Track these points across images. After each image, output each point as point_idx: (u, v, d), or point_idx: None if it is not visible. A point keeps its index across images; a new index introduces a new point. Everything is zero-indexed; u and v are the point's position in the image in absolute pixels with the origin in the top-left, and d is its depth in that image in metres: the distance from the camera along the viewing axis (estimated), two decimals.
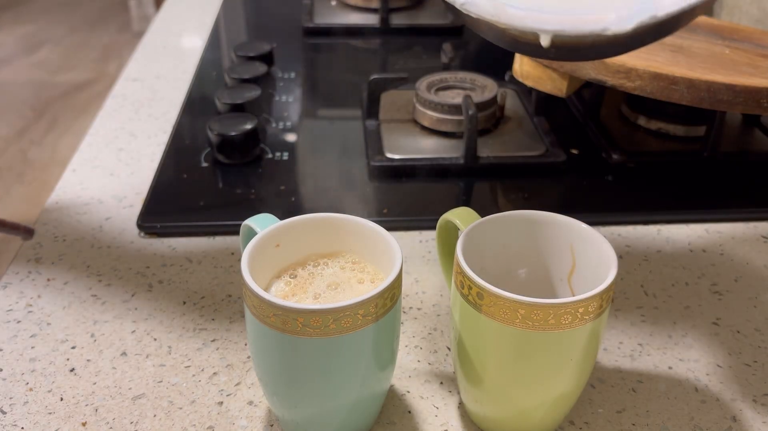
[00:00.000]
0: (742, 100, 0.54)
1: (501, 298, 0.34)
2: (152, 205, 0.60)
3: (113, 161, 0.67)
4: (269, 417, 0.42)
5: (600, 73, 0.56)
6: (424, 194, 0.62)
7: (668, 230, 0.59)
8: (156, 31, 0.99)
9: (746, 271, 0.54)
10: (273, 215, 0.40)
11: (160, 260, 0.55)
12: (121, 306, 0.50)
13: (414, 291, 0.52)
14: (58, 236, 0.57)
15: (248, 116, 0.66)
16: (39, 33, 3.05)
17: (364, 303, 0.34)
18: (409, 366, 0.46)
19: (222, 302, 0.51)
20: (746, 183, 0.64)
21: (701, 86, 0.54)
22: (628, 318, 0.50)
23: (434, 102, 0.68)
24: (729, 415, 0.42)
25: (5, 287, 0.52)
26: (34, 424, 0.41)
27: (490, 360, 0.37)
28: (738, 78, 0.55)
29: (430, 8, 1.01)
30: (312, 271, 0.41)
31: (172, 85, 0.82)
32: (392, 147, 0.66)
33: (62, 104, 2.48)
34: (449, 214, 0.42)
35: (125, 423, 0.41)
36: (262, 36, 0.97)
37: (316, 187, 0.64)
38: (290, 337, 0.34)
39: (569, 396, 0.39)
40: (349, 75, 0.85)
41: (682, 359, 0.46)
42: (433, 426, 0.41)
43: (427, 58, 0.90)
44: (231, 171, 0.65)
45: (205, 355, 0.46)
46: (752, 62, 0.61)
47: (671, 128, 0.69)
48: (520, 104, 0.73)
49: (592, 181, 0.64)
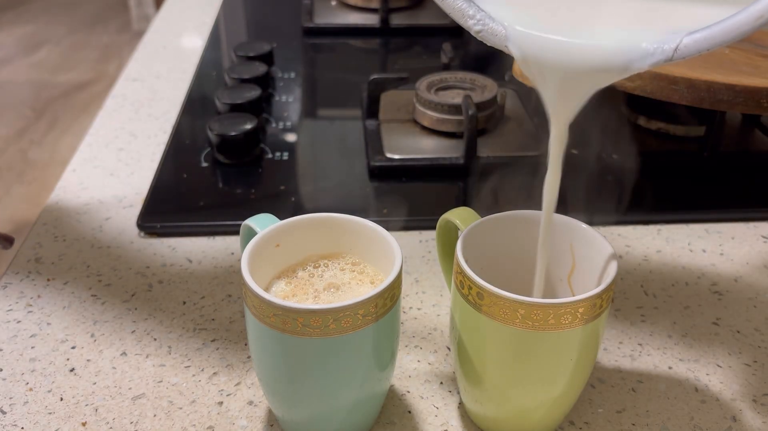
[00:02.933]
0: (742, 100, 0.54)
1: (501, 298, 0.34)
2: (152, 205, 0.60)
3: (113, 161, 0.67)
4: (269, 417, 0.42)
5: None
6: (424, 194, 0.62)
7: (668, 230, 0.59)
8: (156, 31, 0.99)
9: (746, 271, 0.54)
10: (273, 215, 0.40)
11: (160, 260, 0.55)
12: (121, 306, 0.50)
13: (414, 291, 0.52)
14: (58, 236, 0.57)
15: (248, 116, 0.66)
16: (39, 33, 3.05)
17: (364, 303, 0.34)
18: (409, 366, 0.46)
19: (222, 302, 0.51)
20: (746, 183, 0.64)
21: (701, 86, 0.54)
22: (628, 318, 0.50)
23: (434, 102, 0.68)
24: (729, 415, 0.42)
25: (5, 287, 0.52)
26: (34, 424, 0.41)
27: (490, 360, 0.37)
28: (738, 78, 0.55)
29: (430, 8, 1.01)
30: (312, 272, 0.41)
31: (172, 85, 0.82)
32: (392, 147, 0.66)
33: (62, 104, 2.48)
34: (449, 213, 0.42)
35: (125, 423, 0.41)
36: (262, 36, 0.97)
37: (316, 187, 0.64)
38: (290, 337, 0.34)
39: (569, 396, 0.39)
40: (349, 75, 0.85)
41: (682, 359, 0.46)
42: (433, 426, 0.41)
43: (427, 58, 0.90)
44: (231, 171, 0.65)
45: (205, 355, 0.46)
46: (752, 62, 0.61)
47: (671, 128, 0.69)
48: (520, 104, 0.73)
49: (591, 180, 0.64)
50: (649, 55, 0.29)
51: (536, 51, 0.31)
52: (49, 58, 2.83)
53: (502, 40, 0.32)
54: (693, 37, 0.29)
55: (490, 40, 0.33)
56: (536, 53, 0.31)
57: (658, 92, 0.55)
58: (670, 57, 0.29)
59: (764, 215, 0.61)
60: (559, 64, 0.31)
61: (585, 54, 0.31)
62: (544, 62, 0.32)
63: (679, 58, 0.29)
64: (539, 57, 0.32)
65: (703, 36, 0.28)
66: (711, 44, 0.28)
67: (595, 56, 0.31)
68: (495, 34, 0.32)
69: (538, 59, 0.32)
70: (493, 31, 0.32)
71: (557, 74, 0.32)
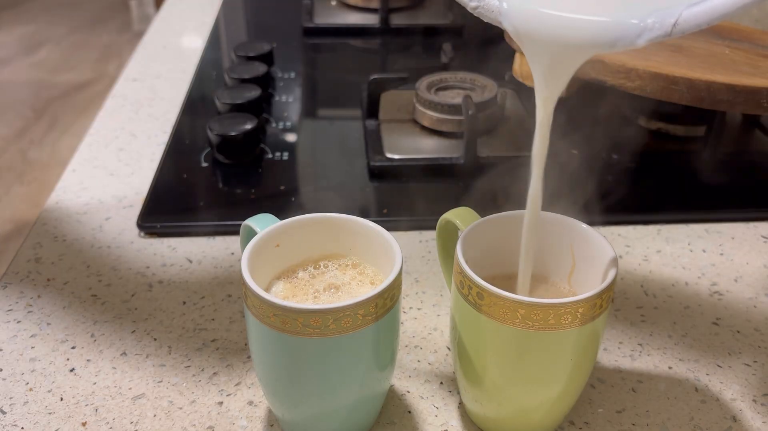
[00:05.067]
0: (742, 100, 0.54)
1: (501, 298, 0.34)
2: (152, 205, 0.60)
3: (113, 161, 0.67)
4: (269, 417, 0.42)
5: (600, 73, 0.56)
6: (424, 194, 0.62)
7: (668, 230, 0.59)
8: (156, 31, 0.99)
9: (746, 271, 0.54)
10: (273, 215, 0.40)
11: (160, 260, 0.55)
12: (121, 306, 0.50)
13: (414, 291, 0.52)
14: (58, 236, 0.57)
15: (248, 116, 0.66)
16: (39, 33, 3.05)
17: (364, 303, 0.34)
18: (409, 366, 0.46)
19: (222, 302, 0.51)
20: (746, 183, 0.64)
21: (701, 86, 0.54)
22: (628, 318, 0.50)
23: (434, 102, 0.68)
24: (729, 415, 0.42)
25: (5, 287, 0.52)
26: (34, 424, 0.41)
27: (490, 360, 0.37)
28: (738, 78, 0.55)
29: (430, 8, 1.01)
30: (312, 272, 0.41)
31: (172, 85, 0.82)
32: (392, 147, 0.66)
33: (62, 104, 2.48)
34: (449, 213, 0.42)
35: (125, 423, 0.41)
36: (262, 36, 0.97)
37: (316, 187, 0.64)
38: (290, 337, 0.34)
39: (569, 396, 0.39)
40: (349, 75, 0.85)
41: (682, 359, 0.46)
42: (433, 426, 0.41)
43: (427, 58, 0.90)
44: (231, 171, 0.65)
45: (205, 355, 0.46)
46: (752, 62, 0.61)
47: (671, 128, 0.69)
48: (520, 104, 0.73)
49: (592, 181, 0.64)
50: (648, 30, 0.29)
51: (532, 26, 0.31)
52: (49, 58, 2.83)
53: (497, 16, 0.32)
54: (692, 11, 0.28)
55: (486, 17, 0.33)
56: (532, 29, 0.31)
57: (658, 92, 0.55)
58: (668, 32, 0.28)
59: (764, 215, 0.61)
60: (554, 39, 0.31)
61: (583, 30, 0.30)
62: (539, 38, 0.31)
63: (678, 32, 0.28)
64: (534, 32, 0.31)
65: (703, 9, 0.28)
66: (711, 17, 0.28)
67: (592, 32, 0.30)
68: (491, 10, 0.32)
69: (532, 34, 0.31)
70: (489, 6, 0.32)
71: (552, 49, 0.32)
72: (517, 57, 0.65)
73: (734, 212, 0.61)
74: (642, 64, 0.56)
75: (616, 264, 0.37)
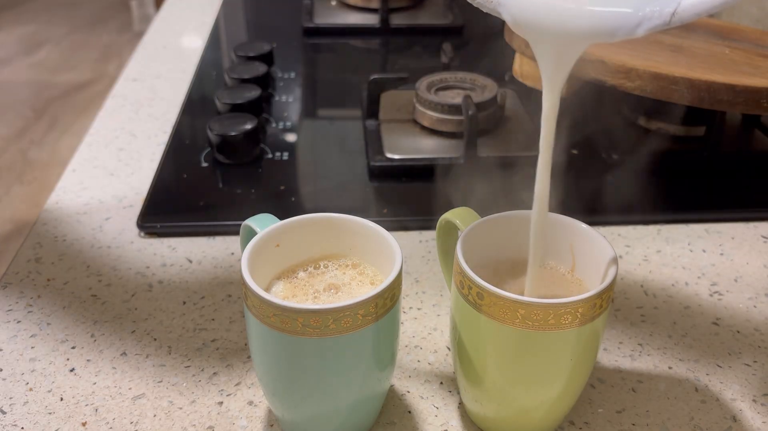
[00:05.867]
0: (742, 100, 0.54)
1: (501, 298, 0.34)
2: (152, 205, 0.60)
3: (113, 161, 0.67)
4: (269, 417, 0.42)
5: (600, 72, 0.56)
6: (424, 194, 0.62)
7: (668, 230, 0.59)
8: (156, 31, 0.99)
9: (746, 271, 0.54)
10: (273, 215, 0.41)
11: (160, 260, 0.55)
12: (121, 306, 0.50)
13: (414, 291, 0.52)
14: (58, 236, 0.57)
15: (248, 116, 0.66)
16: (39, 33, 3.05)
17: (364, 303, 0.34)
18: (409, 366, 0.46)
19: (222, 302, 0.51)
20: (746, 183, 0.64)
21: (701, 86, 0.54)
22: (628, 318, 0.50)
23: (434, 102, 0.68)
24: (729, 415, 0.42)
25: (5, 287, 0.52)
26: (34, 424, 0.41)
27: (490, 360, 0.37)
28: (738, 78, 0.55)
29: (430, 8, 1.01)
30: (312, 272, 0.41)
31: (172, 85, 0.82)
32: (392, 147, 0.66)
33: (62, 104, 2.48)
34: (449, 213, 0.42)
35: (125, 423, 0.41)
36: (262, 36, 0.97)
37: (316, 187, 0.64)
38: (290, 337, 0.34)
39: (569, 396, 0.39)
40: (349, 75, 0.85)
41: (682, 359, 0.46)
42: (433, 426, 0.41)
43: (427, 58, 0.90)
44: (231, 171, 0.65)
45: (205, 355, 0.46)
46: (752, 62, 0.61)
47: (671, 128, 0.68)
48: (520, 104, 0.73)
49: (592, 181, 0.64)
50: (647, 19, 0.29)
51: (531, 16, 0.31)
52: (49, 58, 2.83)
53: (496, 6, 0.32)
54: (691, 0, 0.28)
55: (486, 7, 0.33)
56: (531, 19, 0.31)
57: (658, 92, 0.55)
58: (667, 21, 0.28)
59: (764, 215, 0.61)
60: (553, 30, 0.31)
61: (582, 20, 0.30)
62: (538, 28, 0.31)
63: (678, 21, 0.28)
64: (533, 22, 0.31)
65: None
66: (710, 6, 0.28)
67: (591, 22, 0.30)
68: (490, 0, 0.32)
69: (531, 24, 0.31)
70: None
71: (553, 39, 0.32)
72: (517, 57, 0.65)
73: (734, 212, 0.61)
74: (642, 64, 0.56)
75: (616, 264, 0.37)
